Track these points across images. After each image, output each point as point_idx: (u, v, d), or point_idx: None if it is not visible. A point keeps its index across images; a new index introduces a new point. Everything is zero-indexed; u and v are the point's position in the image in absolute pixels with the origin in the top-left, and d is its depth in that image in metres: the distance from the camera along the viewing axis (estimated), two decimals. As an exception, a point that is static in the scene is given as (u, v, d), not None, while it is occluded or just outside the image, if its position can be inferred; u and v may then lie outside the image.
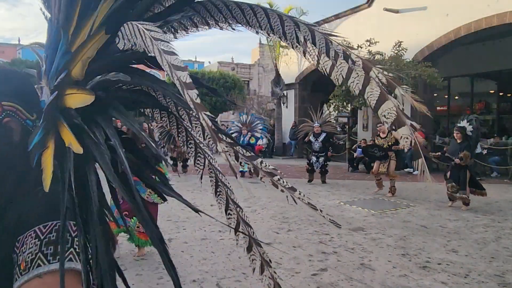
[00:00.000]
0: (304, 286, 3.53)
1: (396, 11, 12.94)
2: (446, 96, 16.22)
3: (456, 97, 16.70)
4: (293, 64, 18.00)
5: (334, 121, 12.71)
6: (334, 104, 12.51)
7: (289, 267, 3.97)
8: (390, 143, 8.13)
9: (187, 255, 4.32)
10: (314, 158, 9.76)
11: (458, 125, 7.11)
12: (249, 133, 11.00)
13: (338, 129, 14.79)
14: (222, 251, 4.45)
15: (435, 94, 13.88)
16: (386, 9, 12.97)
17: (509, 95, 15.45)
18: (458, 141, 6.90)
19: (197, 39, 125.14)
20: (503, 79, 14.67)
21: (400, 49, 11.77)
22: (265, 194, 8.34)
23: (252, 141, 11.06)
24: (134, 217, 3.95)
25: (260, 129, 11.50)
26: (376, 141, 8.41)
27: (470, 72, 14.77)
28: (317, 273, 3.82)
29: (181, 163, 11.09)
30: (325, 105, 17.48)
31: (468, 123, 6.99)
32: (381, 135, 8.26)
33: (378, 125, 8.55)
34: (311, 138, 9.85)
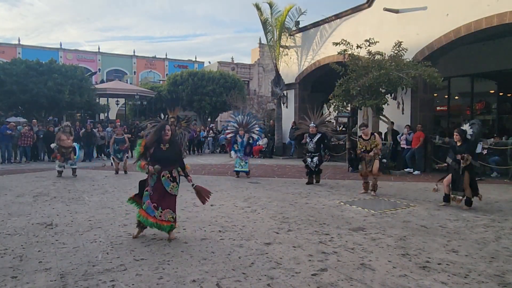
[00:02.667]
0: (304, 286, 3.53)
1: (396, 11, 12.94)
2: (446, 96, 16.23)
3: (456, 97, 16.71)
4: (293, 64, 18.02)
5: (333, 121, 12.66)
6: (334, 104, 12.50)
7: (289, 267, 3.97)
8: (372, 146, 8.22)
9: (187, 255, 4.33)
10: (309, 159, 9.72)
11: (460, 128, 7.15)
12: (245, 134, 10.97)
13: (337, 129, 14.80)
14: (222, 251, 4.45)
15: (435, 94, 13.89)
16: (386, 9, 12.97)
17: (509, 95, 15.45)
18: (458, 143, 6.93)
19: (197, 39, 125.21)
20: (503, 79, 14.67)
21: (400, 49, 11.77)
22: (265, 194, 8.34)
23: (250, 141, 11.01)
24: (158, 208, 4.77)
25: (257, 130, 11.46)
26: (358, 143, 8.48)
27: (470, 72, 14.78)
28: (317, 273, 3.82)
29: None
30: (325, 105, 17.50)
31: (470, 126, 7.02)
32: (364, 137, 8.34)
33: (361, 128, 8.53)
34: (307, 138, 9.81)
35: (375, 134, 8.58)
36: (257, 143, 11.46)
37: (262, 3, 17.27)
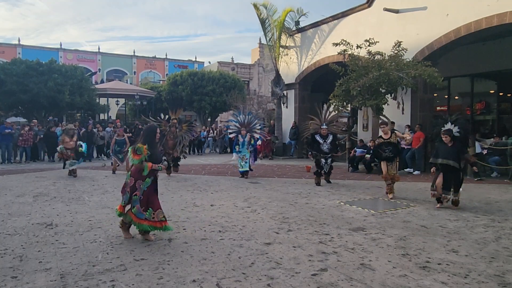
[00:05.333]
0: (304, 286, 3.53)
1: (396, 11, 12.94)
2: (446, 96, 16.21)
3: (456, 97, 16.70)
4: (293, 64, 18.01)
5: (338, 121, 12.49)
6: (334, 104, 12.50)
7: (289, 267, 3.97)
8: (394, 141, 8.04)
9: (187, 255, 4.33)
10: (323, 160, 9.62)
11: (444, 128, 7.07)
12: (248, 134, 10.94)
13: (343, 128, 14.65)
14: (222, 251, 4.45)
15: (435, 94, 13.88)
16: (386, 9, 12.96)
17: (509, 95, 15.43)
18: (449, 144, 6.86)
19: (197, 39, 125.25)
20: (503, 79, 14.65)
21: (400, 49, 11.77)
22: (265, 194, 8.34)
23: (252, 142, 10.98)
24: (148, 210, 4.77)
25: (259, 128, 11.43)
26: (379, 142, 8.18)
27: (470, 72, 14.76)
28: (317, 273, 3.82)
29: (172, 163, 11.01)
30: (325, 105, 17.48)
31: (453, 124, 6.97)
32: (384, 136, 8.07)
33: (381, 126, 8.25)
34: (319, 139, 9.73)
35: (396, 131, 8.40)
36: (257, 142, 11.46)
37: (260, 5, 17.27)
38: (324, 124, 9.83)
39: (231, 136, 11.95)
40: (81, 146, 11.20)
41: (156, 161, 4.92)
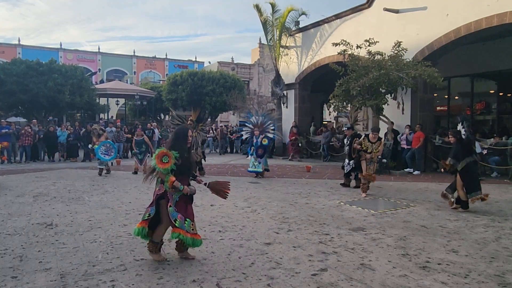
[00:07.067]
0: (304, 286, 3.53)
1: (396, 11, 12.94)
2: (446, 96, 16.22)
3: (456, 97, 16.71)
4: (293, 64, 18.01)
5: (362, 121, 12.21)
6: (334, 104, 12.50)
7: (289, 267, 3.97)
8: (375, 150, 8.23)
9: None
10: (346, 161, 9.46)
11: (454, 130, 7.09)
12: (261, 134, 10.90)
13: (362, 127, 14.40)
14: (222, 251, 4.45)
15: (435, 94, 13.89)
16: (386, 9, 12.97)
17: (509, 95, 15.44)
18: (454, 144, 6.93)
19: (197, 39, 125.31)
20: (503, 79, 14.66)
21: (400, 49, 11.77)
22: (265, 194, 8.34)
23: (265, 142, 10.87)
24: (187, 220, 4.07)
25: (272, 129, 11.40)
26: (363, 142, 8.35)
27: (470, 72, 14.78)
28: (317, 273, 3.82)
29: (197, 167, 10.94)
30: (325, 105, 17.50)
31: (462, 126, 6.93)
32: (371, 139, 8.29)
33: (373, 132, 8.42)
34: (345, 140, 9.73)
35: (382, 139, 8.48)
36: (270, 143, 11.46)
37: (264, 3, 17.31)
38: (347, 124, 9.40)
39: (244, 137, 12.03)
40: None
41: (188, 170, 4.29)
